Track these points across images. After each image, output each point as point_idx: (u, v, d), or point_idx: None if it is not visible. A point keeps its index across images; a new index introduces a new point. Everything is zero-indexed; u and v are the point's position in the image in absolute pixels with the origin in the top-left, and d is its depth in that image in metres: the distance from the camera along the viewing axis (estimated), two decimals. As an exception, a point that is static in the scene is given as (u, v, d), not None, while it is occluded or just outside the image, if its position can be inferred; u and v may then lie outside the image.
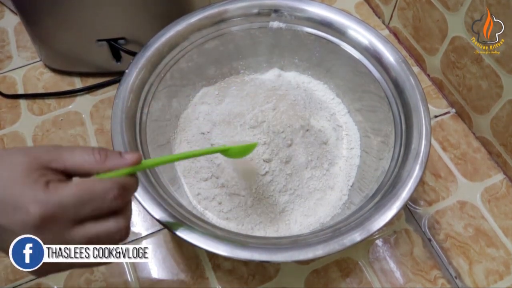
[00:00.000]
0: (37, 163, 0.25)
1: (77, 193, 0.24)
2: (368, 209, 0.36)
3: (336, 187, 0.44)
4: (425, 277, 0.43)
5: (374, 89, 0.44)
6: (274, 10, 0.46)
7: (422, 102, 0.40)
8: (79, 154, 0.26)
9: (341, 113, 0.49)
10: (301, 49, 0.49)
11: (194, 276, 0.43)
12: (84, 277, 0.43)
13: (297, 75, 0.51)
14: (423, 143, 0.38)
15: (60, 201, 0.24)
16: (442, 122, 0.53)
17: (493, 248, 0.45)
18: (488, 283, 0.43)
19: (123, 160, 0.27)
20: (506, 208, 0.47)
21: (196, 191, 0.43)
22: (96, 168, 0.26)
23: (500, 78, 0.45)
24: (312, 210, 0.43)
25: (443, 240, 0.45)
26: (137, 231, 0.46)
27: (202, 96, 0.49)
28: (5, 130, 0.53)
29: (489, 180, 0.49)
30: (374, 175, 0.41)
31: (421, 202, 0.47)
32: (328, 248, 0.33)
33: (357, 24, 0.45)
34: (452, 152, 0.51)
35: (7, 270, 0.44)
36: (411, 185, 0.36)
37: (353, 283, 0.43)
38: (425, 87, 0.55)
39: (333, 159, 0.45)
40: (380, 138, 0.44)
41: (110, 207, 0.26)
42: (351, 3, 0.64)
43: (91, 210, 0.25)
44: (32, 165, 0.24)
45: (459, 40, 0.49)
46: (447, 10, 0.49)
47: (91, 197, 0.25)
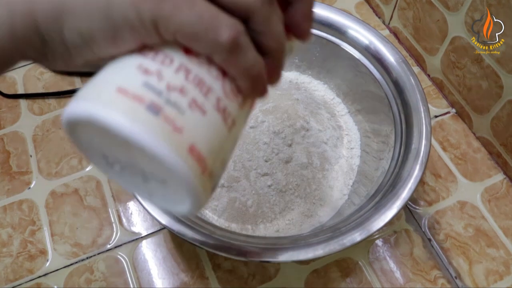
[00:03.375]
0: None
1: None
2: (368, 209, 0.36)
3: (336, 187, 0.44)
4: (425, 277, 0.43)
5: (374, 89, 0.44)
6: (274, 10, 0.46)
7: (422, 102, 0.40)
8: None
9: (341, 113, 0.49)
10: (301, 49, 0.49)
11: (194, 276, 0.43)
12: (84, 276, 0.43)
13: (297, 75, 0.51)
14: (423, 143, 0.38)
15: None
16: (442, 122, 0.53)
17: (493, 248, 0.45)
18: (488, 283, 0.43)
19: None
20: (506, 208, 0.47)
21: (196, 191, 0.43)
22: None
23: (500, 78, 0.45)
24: (312, 210, 0.43)
25: (443, 240, 0.45)
26: (137, 231, 0.46)
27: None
28: (5, 130, 0.53)
29: (489, 180, 0.49)
30: (374, 175, 0.41)
31: (421, 202, 0.47)
32: (328, 248, 0.33)
33: (357, 24, 0.45)
34: (452, 152, 0.51)
35: (7, 270, 0.44)
36: (411, 185, 0.36)
37: (353, 283, 0.43)
38: (425, 87, 0.55)
39: (333, 159, 0.45)
40: (380, 138, 0.44)
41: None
42: (351, 3, 0.64)
43: None
44: None
45: (459, 40, 0.49)
46: (447, 10, 0.49)
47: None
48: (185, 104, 0.18)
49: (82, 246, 0.45)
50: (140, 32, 0.19)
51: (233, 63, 0.19)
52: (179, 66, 0.19)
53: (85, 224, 0.46)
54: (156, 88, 0.18)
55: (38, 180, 0.49)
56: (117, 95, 0.18)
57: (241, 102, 0.21)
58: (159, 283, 0.43)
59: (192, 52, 0.19)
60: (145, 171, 0.20)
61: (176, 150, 0.18)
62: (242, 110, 0.21)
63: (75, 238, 0.45)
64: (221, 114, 0.20)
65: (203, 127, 0.19)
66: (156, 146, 0.17)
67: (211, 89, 0.19)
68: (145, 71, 0.19)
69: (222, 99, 0.20)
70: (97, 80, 0.19)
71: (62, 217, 0.47)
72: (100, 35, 0.19)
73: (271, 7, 0.20)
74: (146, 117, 0.17)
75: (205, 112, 0.19)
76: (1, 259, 0.44)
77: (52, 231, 0.46)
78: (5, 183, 0.49)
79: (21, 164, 0.50)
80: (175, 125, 0.18)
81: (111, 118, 0.17)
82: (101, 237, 0.45)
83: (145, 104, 0.18)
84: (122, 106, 0.17)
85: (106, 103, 0.18)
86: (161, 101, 0.18)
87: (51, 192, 0.48)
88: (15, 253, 0.45)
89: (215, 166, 0.20)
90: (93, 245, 0.45)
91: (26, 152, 0.51)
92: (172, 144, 0.18)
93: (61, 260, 0.44)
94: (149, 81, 0.18)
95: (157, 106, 0.18)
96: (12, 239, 0.46)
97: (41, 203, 0.48)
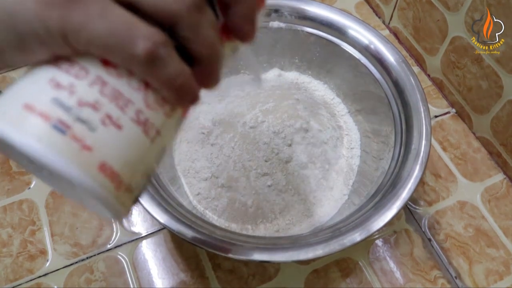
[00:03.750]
0: None
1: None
2: (368, 209, 0.36)
3: (336, 187, 0.44)
4: (425, 277, 0.43)
5: (374, 89, 0.44)
6: (274, 10, 0.46)
7: (422, 102, 0.40)
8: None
9: (341, 113, 0.49)
10: (301, 49, 0.49)
11: (194, 276, 0.43)
12: (84, 276, 0.43)
13: (298, 75, 0.51)
14: (423, 143, 0.38)
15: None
16: (442, 122, 0.53)
17: (493, 248, 0.45)
18: (488, 283, 0.43)
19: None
20: (506, 208, 0.47)
21: (196, 191, 0.43)
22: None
23: (500, 78, 0.45)
24: (312, 210, 0.43)
25: (443, 240, 0.45)
26: (137, 231, 0.46)
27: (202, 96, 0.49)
28: (5, 130, 0.53)
29: (489, 180, 0.49)
30: (374, 175, 0.41)
31: (421, 202, 0.47)
32: (328, 248, 0.33)
33: (358, 24, 0.45)
34: (452, 152, 0.51)
35: (7, 270, 0.44)
36: (411, 185, 0.36)
37: (353, 283, 0.43)
38: (425, 87, 0.55)
39: (333, 159, 0.45)
40: (380, 138, 0.44)
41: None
42: (351, 3, 0.64)
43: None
44: None
45: (459, 40, 0.49)
46: (447, 10, 0.49)
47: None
48: (97, 120, 0.18)
49: (82, 246, 0.45)
50: (49, 44, 0.17)
51: (154, 75, 0.18)
52: (95, 79, 0.18)
53: (85, 224, 0.46)
54: (65, 104, 0.17)
55: (38, 180, 0.49)
56: (24, 112, 0.17)
57: (168, 111, 0.20)
58: (159, 283, 0.43)
59: (110, 63, 0.18)
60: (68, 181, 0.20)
61: (84, 170, 0.17)
62: (170, 119, 0.21)
63: (75, 238, 0.45)
64: (141, 126, 0.19)
65: (116, 142, 0.18)
66: (62, 167, 0.17)
67: (130, 101, 0.19)
68: (56, 85, 0.18)
69: (142, 111, 0.19)
70: (7, 94, 0.18)
71: (62, 217, 0.47)
72: (8, 46, 0.18)
73: (199, 12, 0.19)
74: (51, 136, 0.17)
75: (120, 127, 0.18)
76: (1, 259, 0.44)
77: (52, 231, 0.46)
78: (5, 183, 0.49)
79: (21, 164, 0.50)
80: (84, 144, 0.17)
81: (16, 138, 0.16)
82: (101, 237, 0.45)
83: (52, 122, 0.17)
84: (27, 124, 0.17)
85: (12, 121, 0.17)
86: (70, 119, 0.17)
87: (51, 192, 0.48)
88: (15, 253, 0.45)
89: (134, 180, 0.19)
90: (93, 245, 0.45)
91: (26, 152, 0.51)
92: (80, 163, 0.17)
93: (61, 260, 0.44)
94: (58, 96, 0.17)
95: (64, 124, 0.17)
96: (12, 239, 0.46)
97: (41, 203, 0.48)
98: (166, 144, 0.21)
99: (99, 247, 0.45)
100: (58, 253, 0.45)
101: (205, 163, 0.44)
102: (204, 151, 0.44)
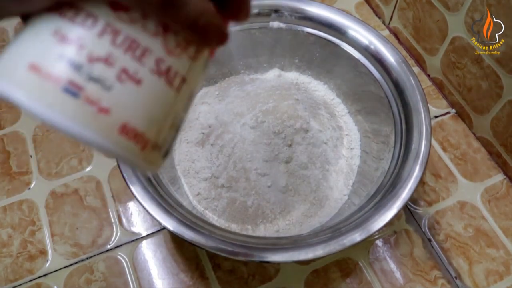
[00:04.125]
0: None
1: None
2: (368, 209, 0.36)
3: (336, 187, 0.44)
4: (425, 277, 0.43)
5: (374, 89, 0.44)
6: (274, 10, 0.46)
7: (422, 102, 0.40)
8: None
9: (341, 114, 0.49)
10: (301, 49, 0.49)
11: (194, 276, 0.43)
12: (84, 277, 0.43)
13: (298, 75, 0.51)
14: (423, 143, 0.38)
15: None
16: (442, 122, 0.53)
17: (493, 249, 0.45)
18: (488, 283, 0.43)
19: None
20: (506, 209, 0.47)
21: (196, 191, 0.43)
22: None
23: (500, 78, 0.45)
24: (312, 210, 0.43)
25: (443, 241, 0.45)
26: (137, 231, 0.46)
27: (202, 96, 0.49)
28: (5, 130, 0.53)
29: (489, 180, 0.49)
30: (374, 175, 0.41)
31: (421, 202, 0.47)
32: (328, 248, 0.33)
33: (357, 24, 0.45)
34: (452, 153, 0.51)
35: (7, 270, 0.44)
36: (411, 185, 0.36)
37: (353, 283, 0.43)
38: (425, 87, 0.55)
39: (333, 159, 0.45)
40: (380, 139, 0.44)
41: None
42: (351, 3, 0.64)
43: None
44: None
45: (459, 40, 0.49)
46: (447, 10, 0.49)
47: None
48: (112, 77, 0.16)
49: (82, 246, 0.45)
50: None
51: (173, 16, 0.16)
52: (105, 27, 0.16)
53: (85, 224, 0.46)
54: (75, 61, 0.15)
55: (38, 180, 0.49)
56: (29, 73, 0.15)
57: (193, 53, 0.18)
58: (159, 283, 0.43)
59: (121, 6, 0.16)
60: None
61: (103, 135, 0.15)
62: (196, 62, 0.18)
63: (75, 238, 0.45)
64: (163, 77, 0.17)
65: (137, 99, 0.16)
66: (79, 133, 0.15)
67: (148, 50, 0.16)
68: (62, 38, 0.16)
69: (163, 59, 0.17)
70: (10, 53, 0.16)
71: (62, 217, 0.47)
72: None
73: None
74: (63, 100, 0.15)
75: (139, 81, 0.16)
76: (1, 259, 0.44)
77: (52, 231, 0.46)
78: (5, 183, 0.49)
79: (21, 164, 0.51)
80: (100, 106, 0.15)
81: (26, 104, 0.15)
82: (101, 237, 0.45)
83: (62, 85, 0.15)
84: (35, 88, 0.15)
85: (19, 83, 0.15)
86: (82, 79, 0.15)
87: (51, 192, 0.48)
88: (15, 253, 0.45)
89: (161, 136, 0.18)
90: (93, 245, 0.45)
91: (26, 152, 0.51)
92: (98, 128, 0.15)
93: (61, 260, 0.44)
94: (66, 52, 0.15)
95: (76, 86, 0.15)
96: (12, 239, 0.46)
97: (41, 203, 0.48)
98: (194, 89, 0.19)
99: (99, 247, 0.45)
100: (58, 253, 0.45)
101: (205, 163, 0.44)
102: (204, 151, 0.44)
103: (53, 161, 0.51)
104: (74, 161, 0.50)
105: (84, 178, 0.49)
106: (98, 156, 0.51)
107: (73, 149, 0.51)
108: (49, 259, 0.44)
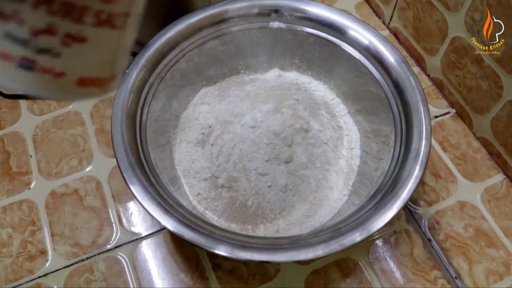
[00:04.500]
0: None
1: None
2: (368, 209, 0.36)
3: (336, 187, 0.44)
4: (425, 278, 0.43)
5: (374, 89, 0.44)
6: (274, 10, 0.46)
7: (422, 103, 0.40)
8: None
9: (341, 114, 0.49)
10: (301, 49, 0.49)
11: (194, 276, 0.43)
12: (84, 277, 0.43)
13: (298, 75, 0.51)
14: (423, 143, 0.38)
15: None
16: (442, 122, 0.53)
17: (493, 249, 0.45)
18: (488, 284, 0.43)
19: None
20: (506, 209, 0.47)
21: (196, 191, 0.43)
22: None
23: (500, 78, 0.45)
24: (312, 210, 0.43)
25: (443, 241, 0.45)
26: (137, 231, 0.46)
27: (202, 96, 0.49)
28: (5, 130, 0.53)
29: (489, 180, 0.49)
30: (374, 175, 0.41)
31: (421, 202, 0.47)
32: (328, 248, 0.33)
33: (357, 24, 0.45)
34: (452, 152, 0.51)
35: (7, 270, 0.44)
36: (411, 186, 0.36)
37: (353, 283, 0.43)
38: (425, 88, 0.55)
39: (333, 159, 0.45)
40: (380, 139, 0.44)
41: None
42: (351, 3, 0.64)
43: None
44: None
45: (459, 41, 0.49)
46: (447, 10, 0.49)
47: None
48: (58, 44, 0.16)
49: (82, 246, 0.45)
50: None
51: None
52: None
53: (85, 224, 0.46)
54: (20, 37, 0.16)
55: (38, 181, 0.49)
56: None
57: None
58: (159, 283, 0.43)
59: None
60: None
61: (65, 91, 0.18)
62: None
63: (75, 238, 0.45)
64: (106, 25, 0.17)
65: (86, 54, 0.17)
66: (44, 95, 0.17)
67: (85, 8, 0.16)
68: (1, 15, 0.16)
69: (103, 10, 0.17)
70: None
71: (62, 217, 0.47)
72: None
73: None
74: (22, 74, 0.16)
75: (84, 39, 0.17)
76: (1, 259, 0.44)
77: (52, 231, 0.46)
78: (5, 183, 0.49)
79: (21, 164, 0.51)
80: (55, 72, 0.17)
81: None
82: (101, 237, 0.46)
83: (16, 62, 0.16)
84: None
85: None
86: (31, 53, 0.16)
87: (51, 192, 0.48)
88: (15, 253, 0.45)
89: (116, 67, 0.19)
90: (93, 245, 0.45)
91: (26, 152, 0.51)
92: (59, 88, 0.17)
93: (61, 260, 0.44)
94: (9, 30, 0.16)
95: (28, 60, 0.16)
96: (12, 239, 0.46)
97: (41, 203, 0.48)
98: (140, 9, 0.20)
99: (99, 247, 0.45)
100: (58, 253, 0.45)
101: (205, 163, 0.44)
102: (204, 152, 0.44)
103: (53, 161, 0.51)
104: (74, 161, 0.50)
105: (84, 178, 0.49)
106: (98, 156, 0.51)
107: (73, 149, 0.51)
108: (49, 259, 0.44)
